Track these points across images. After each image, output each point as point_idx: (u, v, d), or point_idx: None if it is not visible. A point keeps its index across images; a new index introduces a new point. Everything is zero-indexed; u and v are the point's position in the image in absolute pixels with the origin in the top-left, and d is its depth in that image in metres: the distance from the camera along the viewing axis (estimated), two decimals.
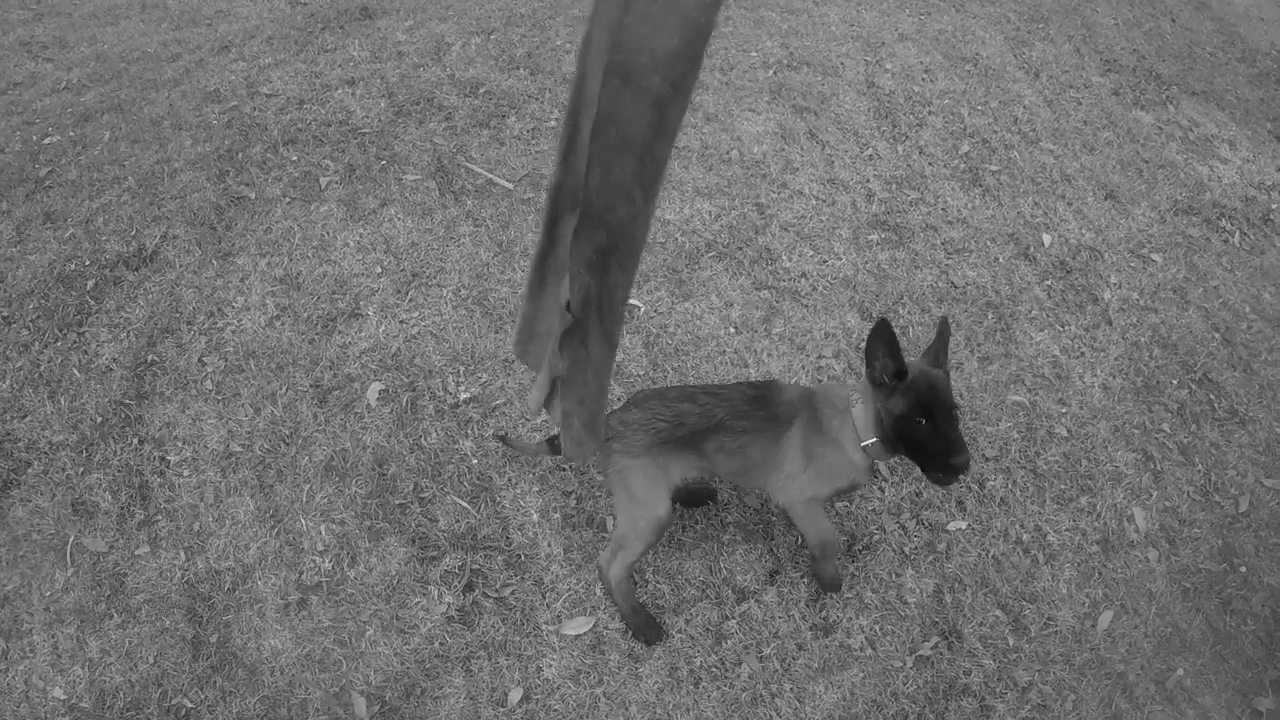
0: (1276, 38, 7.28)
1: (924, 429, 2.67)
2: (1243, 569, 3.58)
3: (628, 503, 3.03)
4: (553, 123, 5.17)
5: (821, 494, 3.00)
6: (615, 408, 3.10)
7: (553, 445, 3.29)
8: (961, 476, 3.06)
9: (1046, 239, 4.77)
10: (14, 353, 3.97)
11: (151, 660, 3.10)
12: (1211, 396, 4.17)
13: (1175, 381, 4.21)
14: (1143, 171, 5.37)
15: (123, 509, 3.48)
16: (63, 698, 3.02)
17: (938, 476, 2.73)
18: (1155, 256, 4.80)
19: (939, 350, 2.80)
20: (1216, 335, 4.44)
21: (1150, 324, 4.44)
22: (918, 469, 2.81)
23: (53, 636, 3.16)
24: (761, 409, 2.96)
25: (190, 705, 3.01)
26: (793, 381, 3.88)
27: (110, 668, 3.09)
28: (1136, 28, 6.77)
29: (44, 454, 3.64)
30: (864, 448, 2.83)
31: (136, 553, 3.36)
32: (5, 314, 4.11)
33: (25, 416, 3.76)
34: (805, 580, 3.33)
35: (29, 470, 3.59)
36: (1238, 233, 5.07)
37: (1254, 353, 4.39)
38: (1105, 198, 5.11)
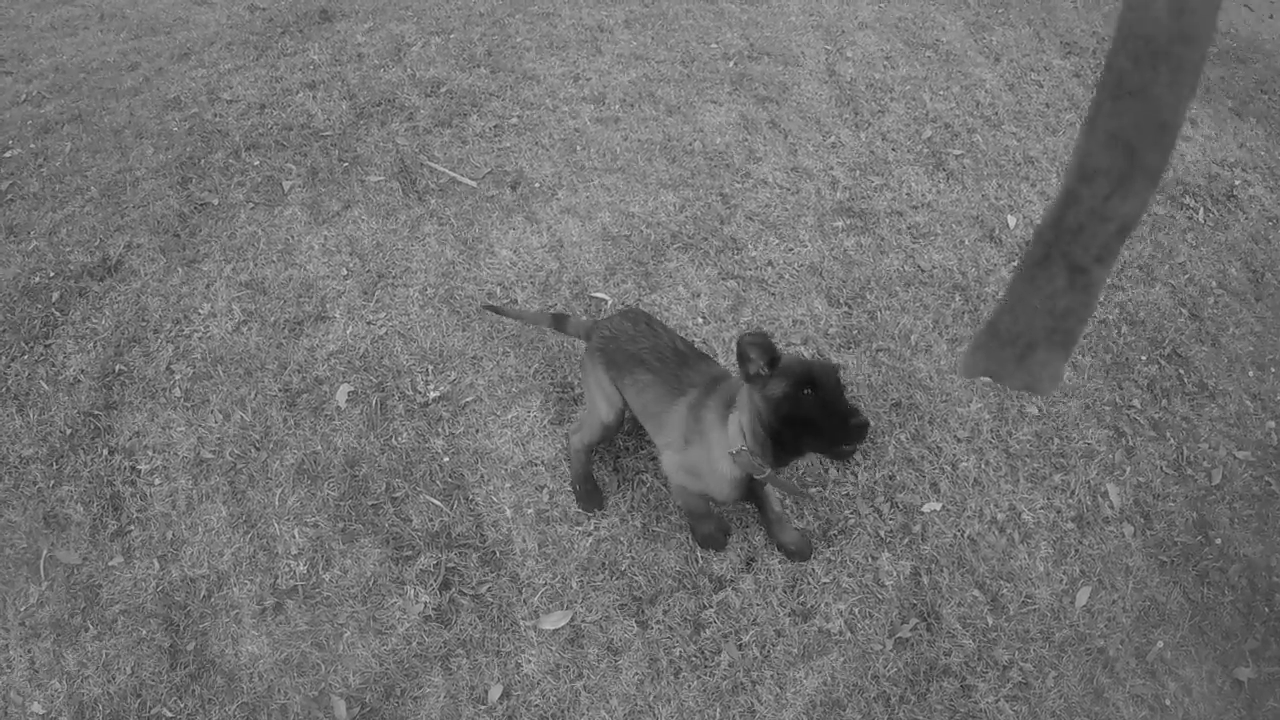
0: (1234, 18, 7.32)
1: (811, 399, 2.57)
2: (1218, 541, 3.60)
3: (588, 396, 3.29)
4: (514, 120, 5.17)
5: (690, 485, 3.05)
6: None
7: (558, 320, 3.45)
8: (860, 446, 3.03)
9: (1011, 221, 4.79)
10: None
11: (129, 671, 3.09)
12: (1181, 371, 4.19)
13: (1144, 358, 4.23)
14: None
15: (95, 520, 3.46)
16: (42, 713, 3.02)
17: (840, 450, 2.61)
18: None
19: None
20: (1184, 311, 4.47)
21: (1118, 301, 4.46)
22: (828, 463, 2.84)
23: (29, 651, 3.15)
24: (680, 366, 3.02)
25: (170, 714, 3.00)
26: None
27: (88, 680, 3.08)
28: (1096, 10, 6.80)
29: (14, 468, 3.63)
30: (732, 454, 2.80)
31: (110, 564, 3.35)
32: None
33: None
34: (782, 566, 3.33)
35: None
36: (1202, 209, 5.10)
37: (1221, 327, 4.42)
38: None
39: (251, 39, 5.88)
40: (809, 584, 3.31)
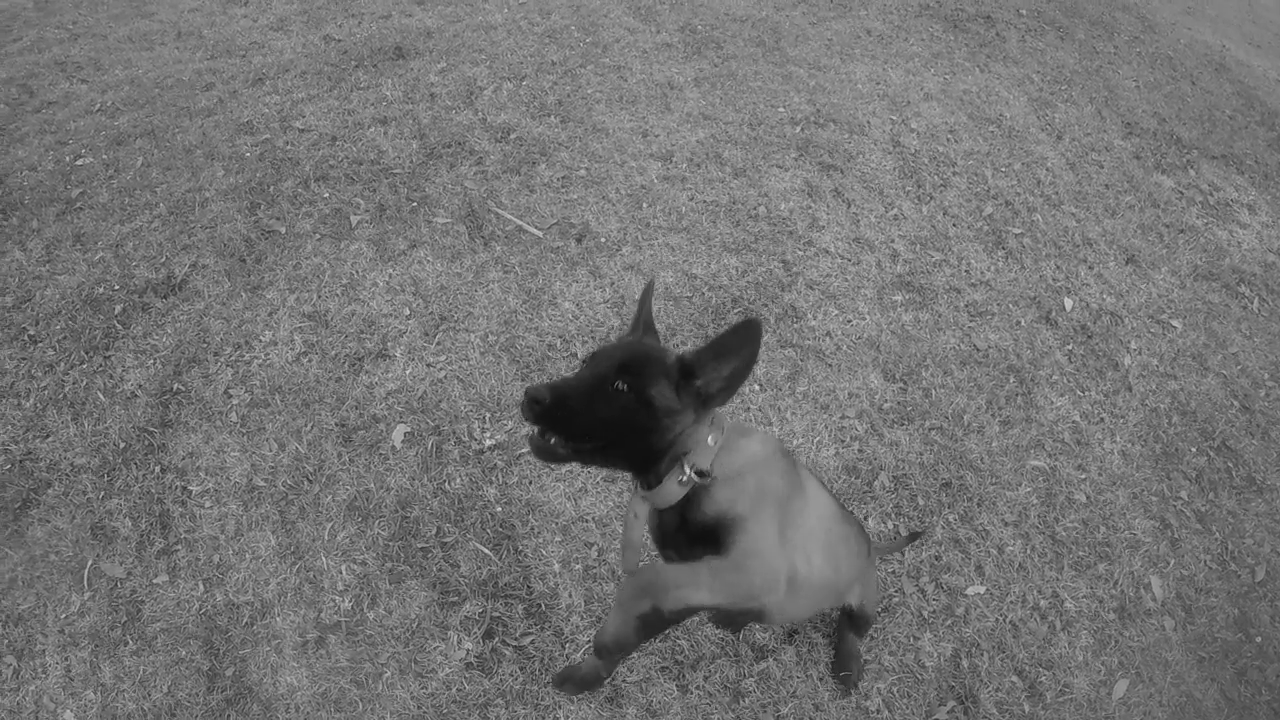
0: None
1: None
2: (1258, 639, 3.58)
3: None
4: (582, 172, 5.21)
5: None
6: None
7: None
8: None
9: (1068, 303, 4.80)
10: (39, 372, 3.99)
11: (165, 689, 3.10)
12: (1229, 464, 4.18)
13: (1194, 449, 4.22)
14: (1163, 236, 5.40)
15: (142, 536, 3.48)
16: None
17: None
18: (1175, 322, 4.83)
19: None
20: (1235, 402, 4.46)
21: (1170, 390, 4.46)
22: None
23: (66, 659, 3.16)
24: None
25: None
26: (810, 454, 3.90)
27: (123, 694, 3.09)
28: (1157, 90, 6.82)
29: (65, 475, 3.66)
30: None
31: (155, 581, 3.36)
32: (31, 333, 4.14)
33: (48, 437, 3.78)
34: (825, 640, 3.33)
35: (49, 491, 3.61)
36: (1257, 299, 5.10)
37: (1272, 420, 4.41)
38: (1126, 262, 5.14)
39: (326, 69, 5.95)
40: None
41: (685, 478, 2.17)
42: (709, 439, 2.20)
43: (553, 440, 2.09)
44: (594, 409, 2.07)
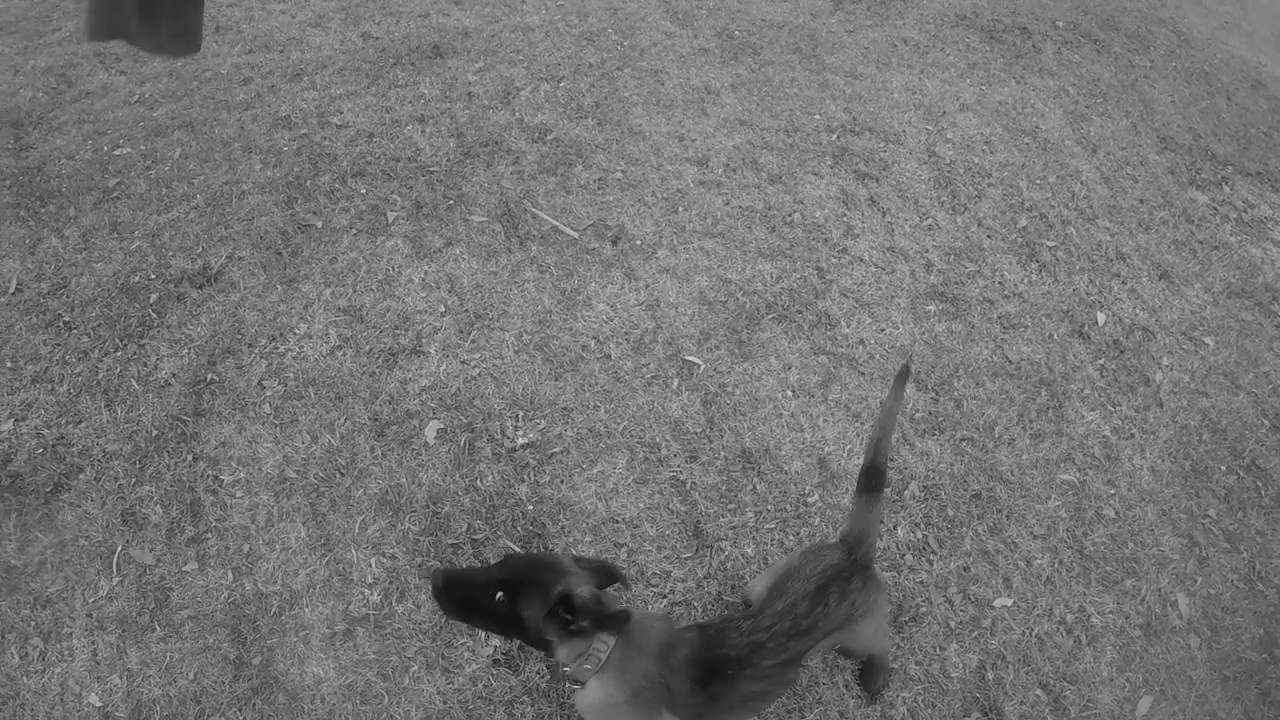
0: None
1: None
2: None
3: None
4: (618, 174, 5.21)
5: None
6: None
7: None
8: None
9: (1101, 317, 4.78)
10: (73, 358, 4.01)
11: (191, 676, 3.12)
12: (1259, 483, 4.15)
13: (1224, 467, 4.20)
14: (1197, 252, 5.37)
15: (173, 524, 3.50)
16: (98, 705, 3.04)
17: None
18: (1207, 339, 4.80)
19: None
20: (1265, 421, 4.43)
21: (1201, 408, 4.44)
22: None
23: (93, 643, 3.18)
24: None
25: None
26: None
27: (149, 680, 3.11)
28: (1193, 105, 6.78)
29: (97, 461, 3.68)
30: None
31: (184, 568, 3.38)
32: (67, 319, 4.16)
33: (80, 422, 3.80)
34: None
35: (80, 476, 3.63)
36: None
37: None
38: (1159, 278, 5.11)
39: (364, 66, 5.97)
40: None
41: (569, 670, 2.45)
42: (575, 656, 2.41)
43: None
44: (474, 607, 2.38)
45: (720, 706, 2.49)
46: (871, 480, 2.66)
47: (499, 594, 2.32)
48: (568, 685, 3.10)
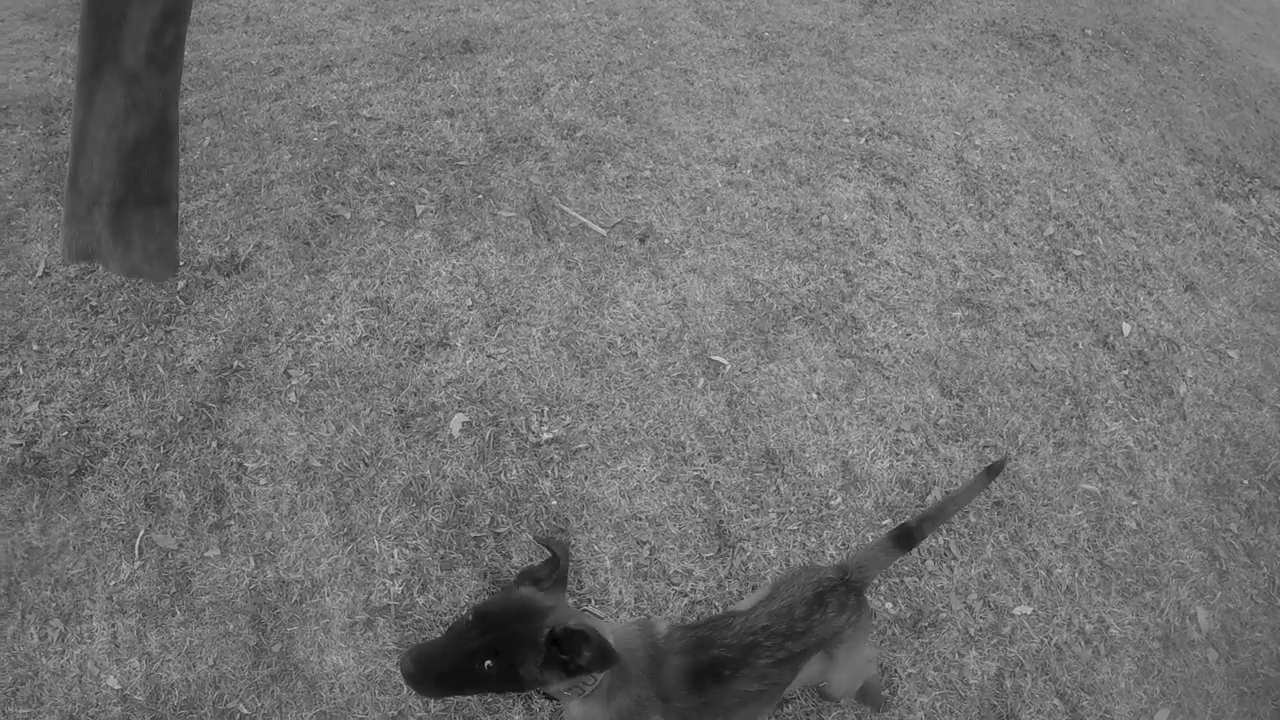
0: None
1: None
2: None
3: None
4: (647, 173, 5.22)
5: None
6: None
7: None
8: None
9: (1126, 328, 4.76)
10: (99, 343, 4.02)
11: (211, 662, 3.13)
12: None
13: (1246, 481, 4.18)
14: (1223, 265, 5.35)
15: (196, 509, 3.51)
16: (116, 687, 3.05)
17: None
18: (1232, 353, 4.78)
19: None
20: None
21: (1224, 421, 4.42)
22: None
23: (112, 626, 3.19)
24: None
25: (246, 711, 3.03)
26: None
27: (169, 664, 3.11)
28: (1221, 117, 6.74)
29: (121, 445, 3.69)
30: None
31: (206, 554, 3.39)
32: (94, 303, 4.17)
33: (105, 406, 3.81)
34: (874, 653, 3.32)
35: (104, 459, 3.64)
36: None
37: None
38: (1185, 289, 5.09)
39: (394, 60, 5.98)
40: (896, 673, 3.29)
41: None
42: (569, 693, 2.26)
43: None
44: (460, 680, 2.12)
45: (716, 709, 2.44)
46: (904, 540, 2.65)
47: (488, 662, 2.09)
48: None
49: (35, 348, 3.98)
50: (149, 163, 3.23)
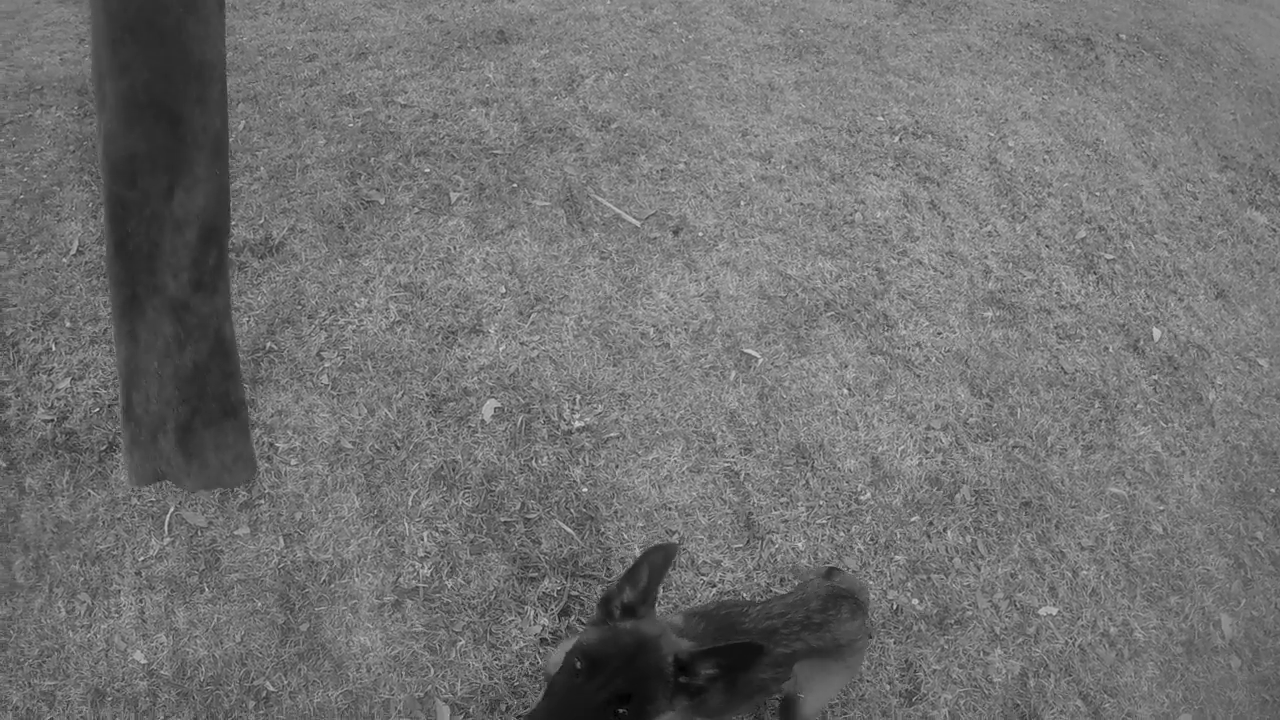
0: None
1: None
2: None
3: None
4: (681, 166, 5.23)
5: None
6: None
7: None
8: None
9: (1156, 333, 4.75)
10: None
11: (238, 639, 3.15)
12: None
13: (1273, 489, 4.18)
14: (1254, 273, 5.33)
15: (226, 488, 3.52)
16: (143, 662, 3.08)
17: None
18: (1262, 361, 4.77)
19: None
20: None
21: (1253, 429, 4.41)
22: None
23: (141, 601, 3.22)
24: None
25: (272, 689, 3.06)
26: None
27: (196, 640, 3.14)
28: (1254, 125, 6.71)
29: None
30: None
31: (236, 532, 3.41)
32: None
33: None
34: (896, 646, 3.33)
35: None
36: None
37: None
38: (1216, 296, 5.08)
39: (429, 48, 5.99)
40: (921, 669, 3.30)
41: None
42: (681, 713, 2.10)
43: None
44: None
45: (738, 696, 2.39)
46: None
47: (620, 710, 1.95)
48: None
49: (68, 325, 4.01)
50: (211, 382, 3.15)
